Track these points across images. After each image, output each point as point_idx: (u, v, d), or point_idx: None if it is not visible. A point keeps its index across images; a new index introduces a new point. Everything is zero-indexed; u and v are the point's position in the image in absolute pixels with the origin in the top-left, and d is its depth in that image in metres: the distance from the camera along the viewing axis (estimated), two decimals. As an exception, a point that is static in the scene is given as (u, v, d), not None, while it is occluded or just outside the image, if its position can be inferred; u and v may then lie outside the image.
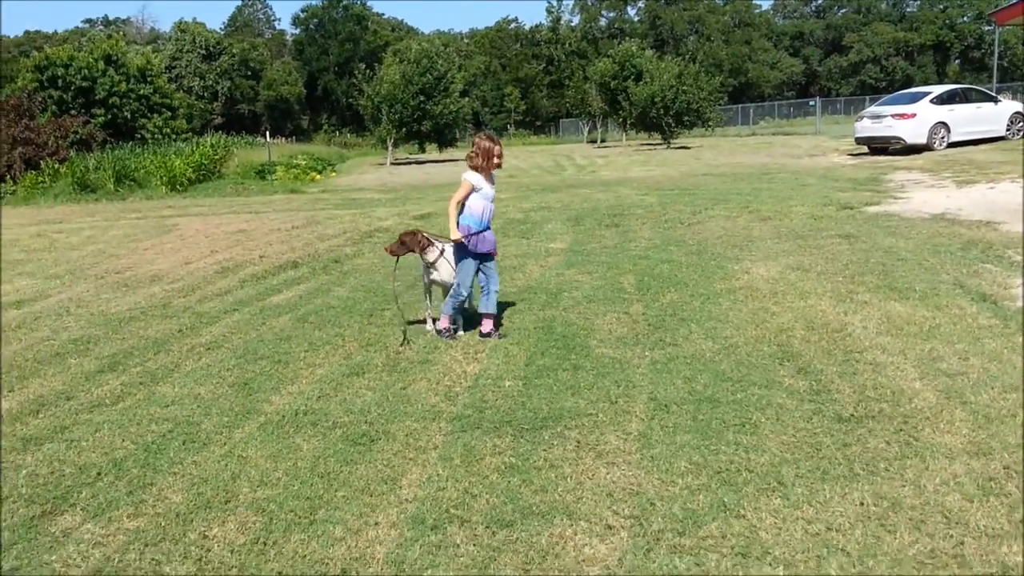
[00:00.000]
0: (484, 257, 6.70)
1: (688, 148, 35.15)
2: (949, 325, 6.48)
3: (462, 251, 6.64)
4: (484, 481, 4.13)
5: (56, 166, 25.88)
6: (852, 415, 4.77)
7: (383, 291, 8.74)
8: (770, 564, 3.28)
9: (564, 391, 5.38)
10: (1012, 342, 5.99)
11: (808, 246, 10.05)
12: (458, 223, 6.56)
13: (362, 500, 4.00)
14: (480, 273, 6.77)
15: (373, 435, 4.81)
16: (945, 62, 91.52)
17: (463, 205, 6.59)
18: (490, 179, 6.66)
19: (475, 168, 6.56)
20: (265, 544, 3.62)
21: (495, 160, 6.57)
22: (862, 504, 3.73)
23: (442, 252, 6.90)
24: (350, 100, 53.39)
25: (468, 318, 7.21)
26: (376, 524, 3.76)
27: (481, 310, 6.84)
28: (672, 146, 37.22)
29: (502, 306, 7.38)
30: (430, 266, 6.96)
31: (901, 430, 4.53)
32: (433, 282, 7.10)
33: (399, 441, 4.71)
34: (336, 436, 4.82)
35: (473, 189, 6.56)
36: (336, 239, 12.65)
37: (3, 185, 24.97)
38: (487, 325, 6.77)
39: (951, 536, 3.44)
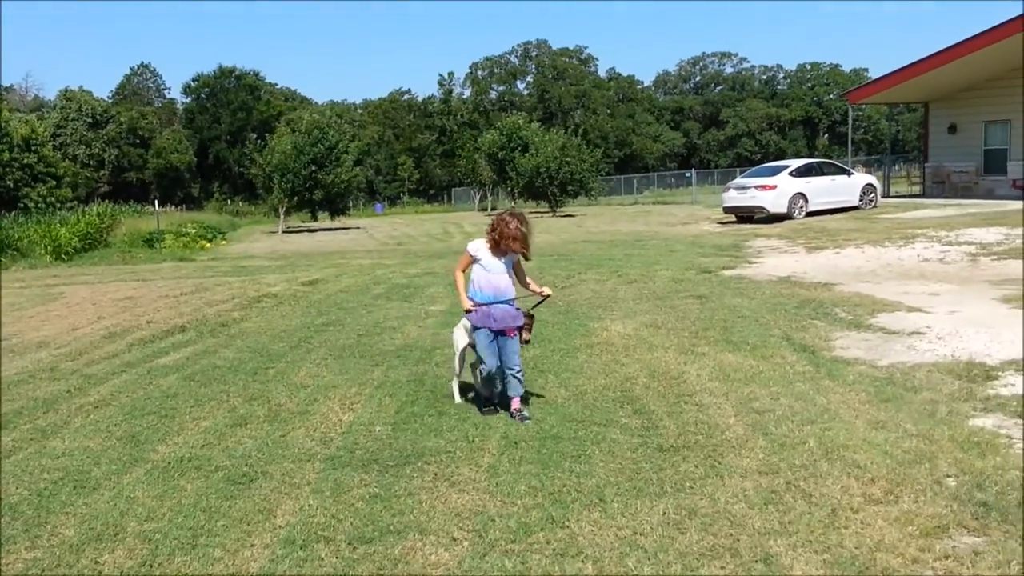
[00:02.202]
0: (499, 334, 6.38)
1: (573, 216, 36.60)
2: (769, 372, 7.44)
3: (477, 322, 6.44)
4: (350, 508, 4.75)
5: (-67, 236, 25.31)
6: (672, 445, 5.58)
7: (268, 352, 9.27)
8: (582, 561, 4.00)
9: (428, 433, 6.06)
10: (819, 385, 6.96)
11: (664, 306, 11.05)
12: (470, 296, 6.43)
13: (240, 528, 4.56)
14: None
15: (252, 475, 5.37)
16: (814, 136, 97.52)
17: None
18: (502, 253, 6.27)
19: (490, 241, 6.27)
20: (152, 566, 4.14)
21: (510, 243, 6.19)
22: (664, 514, 4.50)
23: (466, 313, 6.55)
24: (242, 169, 53.43)
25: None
26: (252, 546, 4.33)
27: (510, 393, 6.47)
28: (558, 214, 38.65)
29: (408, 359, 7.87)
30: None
31: (709, 456, 5.35)
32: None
33: (276, 479, 5.28)
34: (218, 477, 5.35)
35: (473, 260, 6.38)
36: (224, 304, 13.06)
37: None
38: (514, 403, 6.44)
39: (731, 535, 4.23)
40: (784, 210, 24.41)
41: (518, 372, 6.43)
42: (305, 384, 7.76)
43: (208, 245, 29.09)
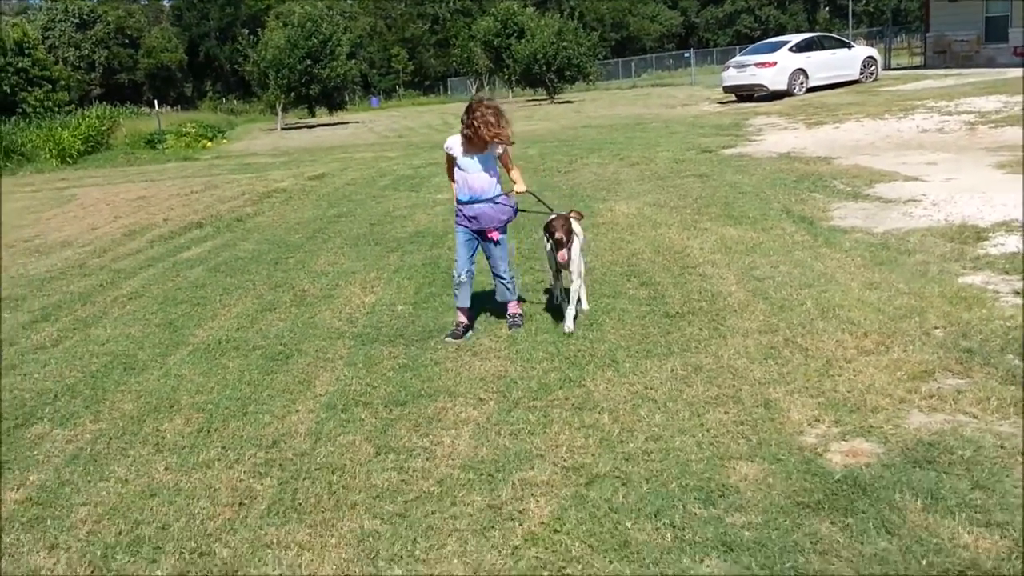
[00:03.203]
0: (481, 235, 5.91)
1: (571, 102, 36.35)
2: (769, 242, 7.75)
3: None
4: (382, 377, 5.15)
5: (-64, 144, 25.38)
6: (677, 312, 5.95)
7: (286, 243, 9.60)
8: (598, 413, 4.40)
9: (447, 311, 6.42)
10: (817, 252, 7.27)
11: (666, 185, 11.30)
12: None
13: (284, 397, 4.98)
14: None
15: (288, 352, 5.77)
16: (815, 10, 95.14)
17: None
18: (478, 149, 5.66)
19: (463, 136, 5.69)
20: (209, 431, 4.56)
21: (486, 135, 5.54)
22: (672, 371, 4.89)
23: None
24: (235, 66, 52.78)
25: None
26: (297, 411, 4.74)
27: (498, 298, 6.16)
28: (556, 101, 38.39)
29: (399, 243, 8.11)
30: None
31: (713, 320, 5.72)
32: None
33: (310, 355, 5.69)
34: (256, 356, 5.76)
35: (450, 158, 5.87)
36: (236, 200, 13.34)
37: None
38: (510, 307, 6.11)
39: (733, 385, 4.62)
40: (784, 87, 24.32)
41: (508, 281, 5.99)
42: (325, 271, 8.11)
43: (209, 144, 29.13)
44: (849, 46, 26.86)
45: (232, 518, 3.60)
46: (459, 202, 5.89)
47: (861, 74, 25.72)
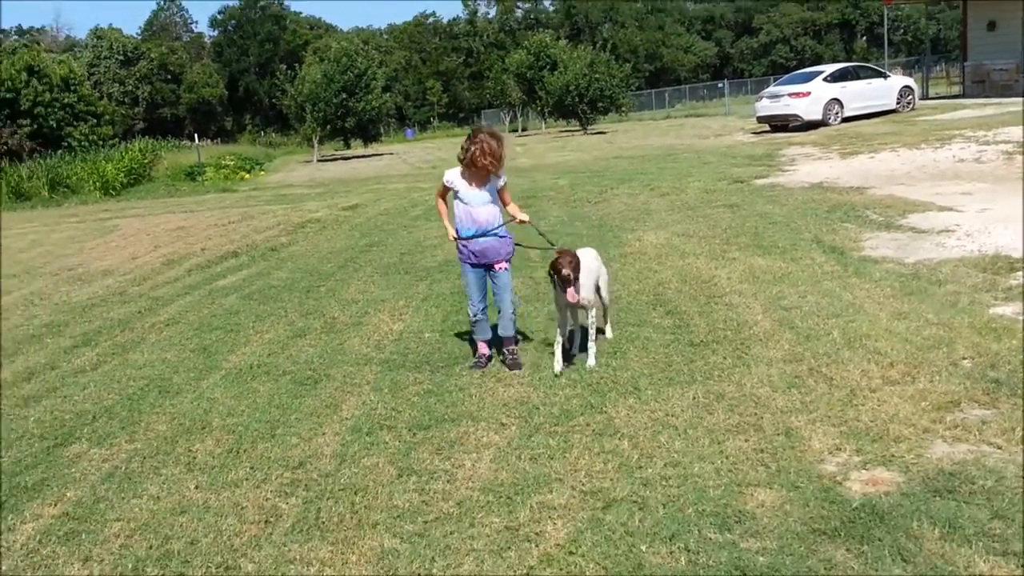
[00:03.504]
0: (488, 268, 5.84)
1: (604, 133, 36.54)
2: (798, 272, 7.76)
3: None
4: (407, 402, 5.25)
5: (-13, 177, 26.12)
6: (702, 341, 5.99)
7: (318, 272, 9.78)
8: (619, 439, 4.45)
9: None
10: (846, 282, 7.27)
11: (696, 215, 11.35)
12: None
13: (311, 420, 5.08)
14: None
15: (316, 377, 5.89)
16: (852, 39, 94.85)
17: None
18: (481, 181, 5.62)
19: (465, 167, 5.63)
20: (238, 452, 4.68)
21: (480, 162, 5.48)
22: (694, 398, 4.92)
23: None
24: (273, 100, 53.75)
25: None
26: (323, 434, 4.85)
27: (500, 332, 5.96)
28: (589, 132, 38.59)
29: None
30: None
31: (737, 349, 5.75)
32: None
33: (338, 380, 5.80)
34: (286, 380, 5.88)
35: (448, 189, 5.81)
36: (271, 231, 13.59)
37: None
38: (506, 344, 5.91)
39: (755, 414, 4.65)
40: (819, 117, 24.24)
41: (511, 315, 5.87)
42: (356, 299, 8.25)
43: (248, 176, 29.64)
44: (885, 76, 26.75)
45: (258, 535, 3.69)
46: (462, 237, 5.76)
47: (898, 103, 25.59)
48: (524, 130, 50.66)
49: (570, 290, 5.34)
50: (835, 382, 4.99)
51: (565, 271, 5.31)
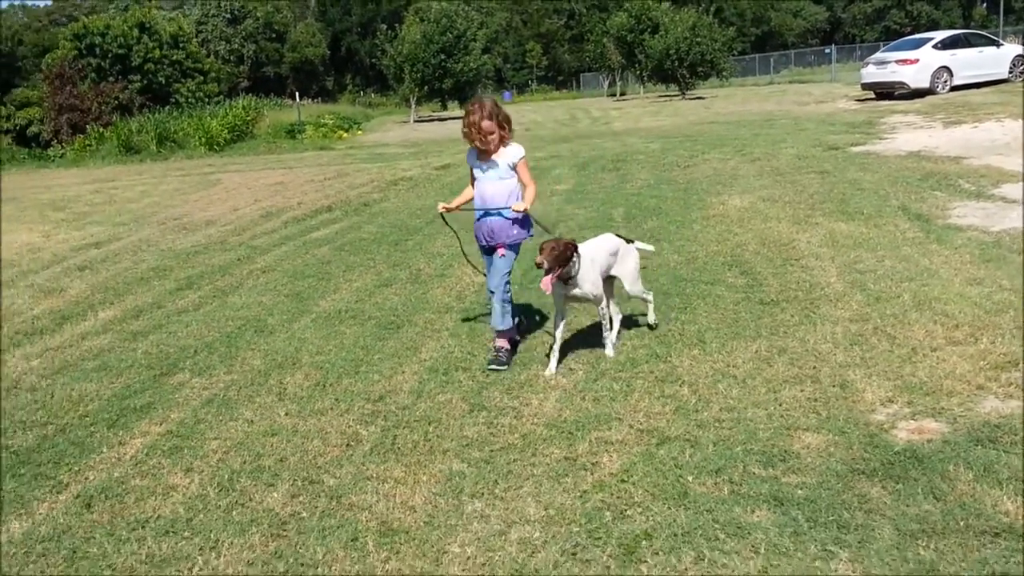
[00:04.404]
0: (488, 251, 5.54)
1: (702, 98, 36.05)
2: (879, 238, 7.76)
3: None
4: (483, 347, 5.56)
5: (101, 130, 27.46)
6: (772, 299, 6.12)
7: (407, 227, 10.16)
8: (679, 385, 4.66)
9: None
10: (925, 248, 7.26)
11: (784, 181, 11.31)
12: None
13: (392, 360, 5.44)
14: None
15: (399, 323, 6.25)
16: (971, 5, 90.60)
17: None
18: (488, 155, 5.32)
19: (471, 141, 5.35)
20: (325, 385, 5.07)
21: (465, 134, 5.35)
22: (757, 352, 5.09)
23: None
24: (373, 60, 54.50)
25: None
26: (402, 373, 5.20)
27: (490, 323, 5.48)
28: (687, 97, 38.12)
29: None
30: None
31: (806, 308, 5.86)
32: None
33: (419, 326, 6.15)
34: (371, 324, 6.26)
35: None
36: (364, 187, 14.07)
37: (53, 149, 26.59)
38: (496, 339, 5.39)
39: (814, 367, 4.79)
40: (926, 85, 23.48)
41: (501, 302, 5.30)
42: (441, 253, 8.59)
43: (345, 135, 30.33)
44: (998, 44, 25.69)
45: (339, 456, 4.06)
46: (477, 215, 5.45)
47: (1010, 73, 24.58)
48: (622, 94, 50.24)
49: (544, 279, 4.87)
50: (898, 341, 5.08)
51: (538, 259, 4.85)
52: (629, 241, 5.62)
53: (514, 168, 5.31)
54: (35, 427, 4.72)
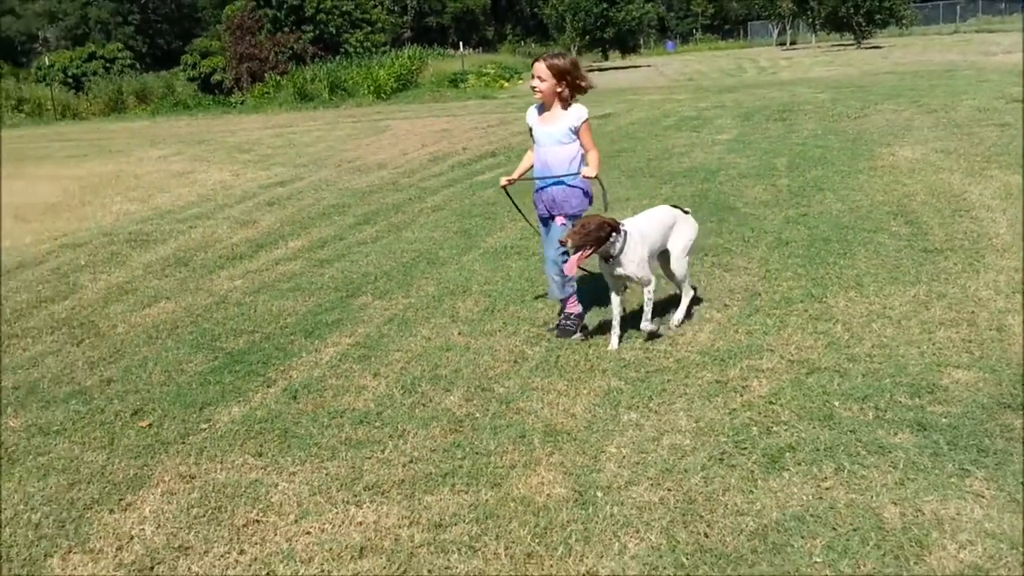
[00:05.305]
0: (546, 220, 5.09)
1: (879, 48, 34.47)
2: (1057, 192, 7.50)
3: None
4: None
5: (277, 78, 29.00)
6: (936, 248, 6.10)
7: (569, 171, 10.49)
8: (832, 324, 4.81)
9: (707, 235, 6.94)
10: (1107, 203, 7.00)
11: (961, 133, 10.92)
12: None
13: (555, 292, 5.80)
14: None
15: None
16: None
17: None
18: (552, 117, 4.92)
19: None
20: (493, 311, 5.49)
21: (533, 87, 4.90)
22: (915, 296, 5.15)
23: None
24: (534, 10, 54.71)
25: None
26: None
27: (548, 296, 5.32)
28: (862, 46, 36.47)
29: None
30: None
31: (970, 257, 5.83)
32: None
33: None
34: (534, 260, 6.63)
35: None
36: (526, 135, 14.39)
37: (234, 96, 28.32)
38: (568, 306, 5.03)
39: (972, 311, 4.83)
40: None
41: (559, 268, 4.84)
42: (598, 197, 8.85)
43: (506, 84, 30.79)
44: None
45: (507, 370, 4.47)
46: (537, 183, 5.04)
47: None
48: (793, 44, 48.46)
49: (569, 261, 4.54)
50: (1066, 292, 5.02)
51: (563, 236, 4.51)
52: (685, 212, 5.13)
53: (576, 132, 4.83)
54: (244, 334, 5.37)
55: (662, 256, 4.98)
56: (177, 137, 19.59)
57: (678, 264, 4.94)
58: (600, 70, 38.29)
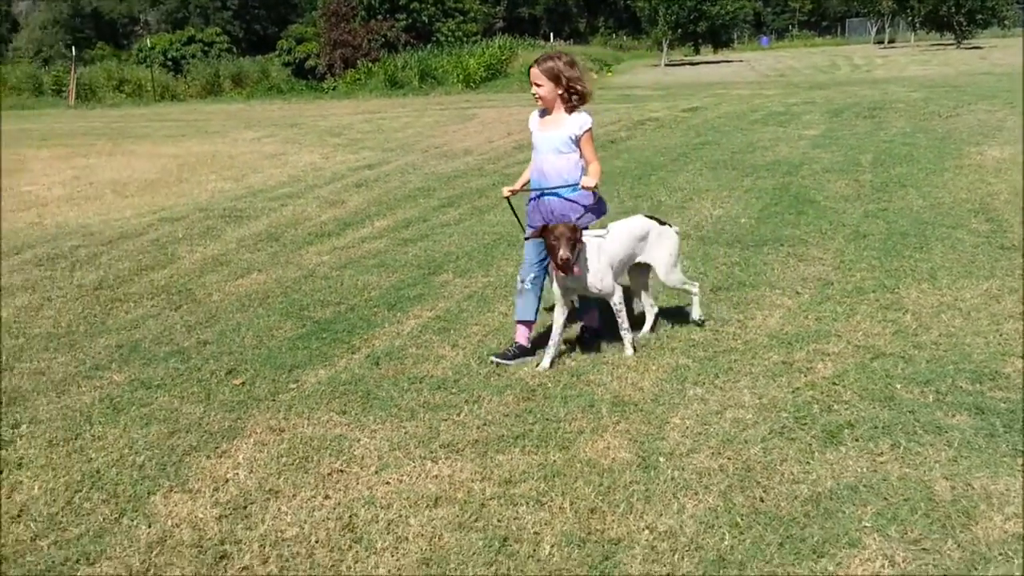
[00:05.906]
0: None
1: (979, 48, 33.46)
2: None
3: None
4: (714, 268, 5.98)
5: (369, 65, 29.64)
6: (1014, 245, 6.09)
7: (651, 163, 10.61)
8: (902, 313, 4.88)
9: (785, 225, 7.04)
10: None
11: (1054, 134, 10.69)
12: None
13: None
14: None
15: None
16: None
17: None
18: (552, 122, 4.62)
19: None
20: (568, 291, 5.70)
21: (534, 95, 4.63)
22: (987, 290, 5.19)
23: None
24: (627, 2, 54.41)
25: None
26: (639, 285, 5.72)
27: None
28: (962, 47, 35.42)
29: None
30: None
31: (1051, 256, 5.81)
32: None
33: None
34: (613, 244, 6.82)
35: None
36: (612, 126, 14.58)
37: (327, 81, 29.06)
38: (588, 317, 4.84)
39: (1047, 309, 4.85)
40: None
41: (533, 283, 4.66)
42: (682, 187, 8.98)
43: (596, 76, 30.83)
44: None
45: (579, 345, 4.69)
46: (532, 193, 4.77)
47: None
48: (891, 42, 47.22)
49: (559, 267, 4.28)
50: None
51: (562, 253, 4.18)
52: (662, 223, 4.88)
53: (577, 142, 4.54)
54: (330, 305, 5.69)
55: (641, 270, 4.83)
56: (270, 120, 20.26)
57: (670, 276, 4.74)
58: (691, 64, 38.03)
